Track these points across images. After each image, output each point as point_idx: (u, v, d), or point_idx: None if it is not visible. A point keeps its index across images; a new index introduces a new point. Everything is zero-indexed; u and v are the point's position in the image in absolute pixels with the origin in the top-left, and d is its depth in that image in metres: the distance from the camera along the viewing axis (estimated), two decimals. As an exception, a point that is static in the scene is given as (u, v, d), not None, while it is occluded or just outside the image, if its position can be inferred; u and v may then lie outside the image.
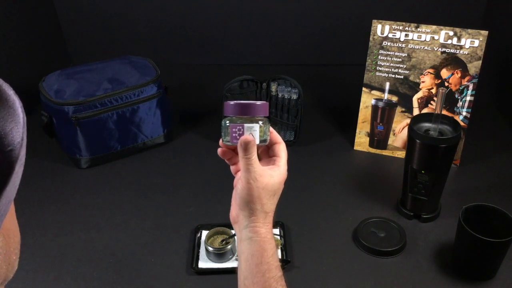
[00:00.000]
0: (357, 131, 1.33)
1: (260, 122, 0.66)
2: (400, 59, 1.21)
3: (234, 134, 0.65)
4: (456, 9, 1.65)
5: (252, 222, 0.67)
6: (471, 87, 1.18)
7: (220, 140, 0.70)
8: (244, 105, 0.65)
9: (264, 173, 0.66)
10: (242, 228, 0.68)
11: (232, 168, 0.73)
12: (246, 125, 0.64)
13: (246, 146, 0.64)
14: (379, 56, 1.22)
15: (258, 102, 0.65)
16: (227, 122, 0.65)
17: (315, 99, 1.56)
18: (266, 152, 0.71)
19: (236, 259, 1.02)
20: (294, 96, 1.31)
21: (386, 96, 1.26)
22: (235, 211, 0.70)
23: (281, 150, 0.70)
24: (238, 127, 0.65)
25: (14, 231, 0.47)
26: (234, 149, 0.72)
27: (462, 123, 1.18)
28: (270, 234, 0.68)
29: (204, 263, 1.01)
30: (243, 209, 0.68)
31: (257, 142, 0.65)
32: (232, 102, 0.65)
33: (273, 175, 0.67)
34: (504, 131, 1.43)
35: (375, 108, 1.28)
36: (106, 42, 1.77)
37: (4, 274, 0.46)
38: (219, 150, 0.71)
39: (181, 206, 1.17)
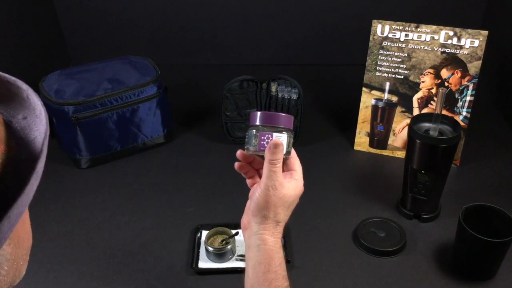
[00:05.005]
0: (357, 131, 1.33)
1: (287, 133, 0.68)
2: (400, 59, 1.21)
3: (262, 142, 0.67)
4: (456, 9, 1.65)
5: (262, 229, 0.68)
6: (471, 87, 1.18)
7: (238, 152, 0.72)
8: (273, 115, 0.68)
9: (284, 183, 0.68)
10: (251, 235, 0.69)
11: (248, 181, 0.74)
12: (275, 133, 0.67)
13: (275, 149, 0.66)
14: (379, 56, 1.22)
15: (285, 114, 0.69)
16: (254, 130, 0.68)
17: (315, 99, 1.56)
18: (281, 167, 0.71)
19: (236, 259, 1.02)
20: (294, 96, 1.31)
21: (386, 96, 1.26)
22: (247, 218, 0.71)
23: (296, 164, 0.72)
24: (267, 135, 0.67)
25: (24, 238, 0.47)
26: (251, 162, 0.74)
27: (462, 123, 1.18)
28: (278, 244, 0.69)
29: (204, 263, 1.01)
30: (256, 215, 0.68)
31: (283, 152, 0.68)
32: (261, 111, 0.68)
33: (290, 187, 0.69)
34: (504, 131, 1.43)
35: (375, 108, 1.28)
36: (106, 42, 1.77)
37: (11, 279, 0.46)
38: (236, 164, 0.73)
39: (181, 206, 1.17)
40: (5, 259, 0.43)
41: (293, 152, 0.72)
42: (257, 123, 0.68)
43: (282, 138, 0.68)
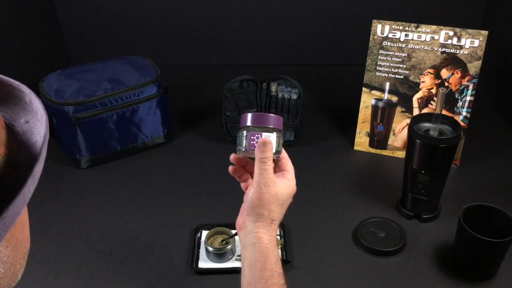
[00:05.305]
0: (357, 131, 1.33)
1: (276, 133, 0.70)
2: (400, 59, 1.21)
3: (252, 142, 0.69)
4: (456, 9, 1.65)
5: (257, 228, 0.69)
6: (471, 87, 1.18)
7: (231, 156, 0.74)
8: (262, 116, 0.70)
9: (276, 181, 0.69)
10: (246, 234, 0.70)
11: (242, 185, 0.76)
12: (264, 133, 0.69)
13: (264, 147, 0.67)
14: (379, 56, 1.22)
15: (275, 115, 0.70)
16: (244, 132, 0.70)
17: (315, 99, 1.56)
18: (273, 168, 0.73)
19: (236, 259, 1.02)
20: (294, 96, 1.31)
21: (386, 96, 1.26)
22: (242, 218, 0.72)
23: (288, 165, 0.73)
24: (256, 135, 0.69)
25: (22, 241, 0.47)
26: (245, 166, 0.75)
27: (462, 123, 1.18)
28: (273, 243, 0.69)
29: (204, 263, 1.01)
30: (250, 213, 0.69)
31: (273, 151, 0.69)
32: (250, 113, 0.70)
33: (283, 185, 0.70)
34: (504, 131, 1.43)
35: (375, 108, 1.28)
36: (106, 42, 1.77)
37: (7, 283, 0.46)
38: (231, 168, 0.75)
39: (181, 206, 1.17)
40: (1, 261, 0.43)
41: (284, 153, 0.73)
42: (248, 124, 0.70)
43: (271, 138, 0.69)
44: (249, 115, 0.70)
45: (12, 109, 0.45)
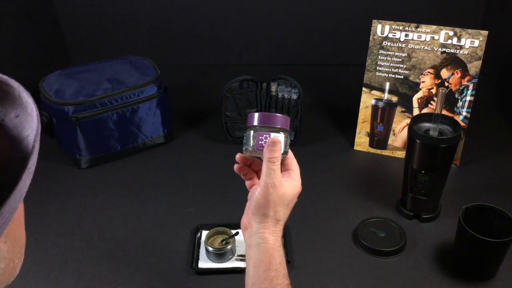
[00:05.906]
0: (357, 131, 1.33)
1: (284, 133, 0.69)
2: (400, 59, 1.21)
3: (260, 142, 0.68)
4: (456, 9, 1.65)
5: (262, 228, 0.69)
6: (471, 87, 1.18)
7: (237, 156, 0.73)
8: (270, 116, 0.69)
9: (283, 182, 0.69)
10: (252, 234, 0.70)
11: (247, 183, 0.75)
12: (272, 133, 0.68)
13: (274, 147, 0.67)
14: (379, 56, 1.22)
15: (282, 115, 0.69)
16: (251, 131, 0.69)
17: (315, 99, 1.56)
18: (280, 165, 0.72)
19: (236, 259, 1.02)
20: (294, 96, 1.31)
21: (386, 96, 1.26)
22: (247, 218, 0.71)
23: (294, 164, 0.73)
24: (264, 135, 0.68)
25: (19, 236, 0.47)
26: (250, 165, 0.75)
27: (462, 123, 1.18)
28: (278, 243, 0.69)
29: (204, 263, 1.01)
30: (256, 213, 0.69)
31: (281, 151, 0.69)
32: (258, 113, 0.69)
33: (289, 186, 0.70)
34: (504, 131, 1.43)
35: (375, 108, 1.28)
36: (106, 42, 1.77)
37: (7, 278, 0.46)
38: (236, 166, 0.74)
39: (181, 206, 1.17)
40: (1, 257, 0.44)
41: (290, 152, 0.72)
42: (255, 123, 0.69)
43: (280, 138, 0.69)
44: (256, 115, 0.69)
45: (1, 104, 0.44)
